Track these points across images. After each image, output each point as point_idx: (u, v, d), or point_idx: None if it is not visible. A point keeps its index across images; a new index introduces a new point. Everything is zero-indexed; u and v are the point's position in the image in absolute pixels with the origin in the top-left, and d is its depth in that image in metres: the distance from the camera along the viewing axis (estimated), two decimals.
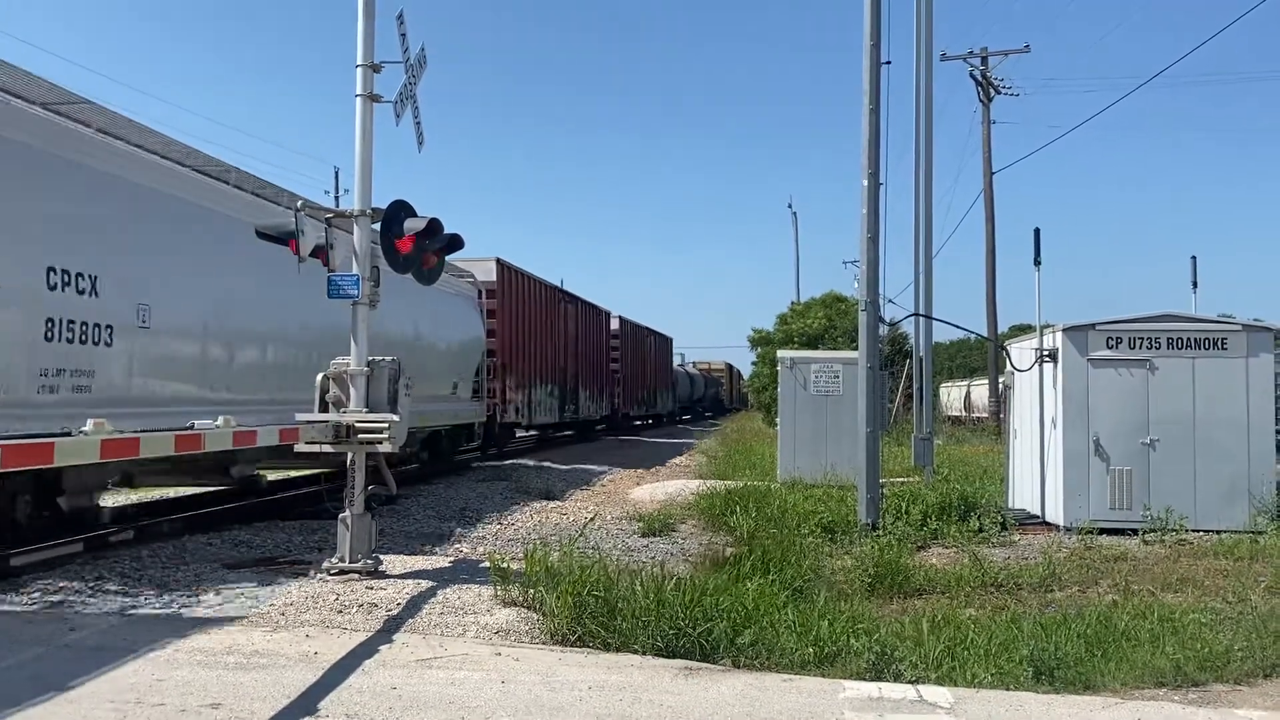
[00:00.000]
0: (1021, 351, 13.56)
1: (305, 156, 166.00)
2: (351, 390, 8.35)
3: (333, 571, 8.14)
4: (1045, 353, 12.50)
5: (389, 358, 8.76)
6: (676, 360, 58.98)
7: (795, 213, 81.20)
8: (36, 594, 7.49)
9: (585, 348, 31.27)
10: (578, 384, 29.95)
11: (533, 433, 29.61)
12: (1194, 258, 14.46)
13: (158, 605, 7.20)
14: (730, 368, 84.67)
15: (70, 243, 8.52)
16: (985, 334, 31.22)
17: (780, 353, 19.42)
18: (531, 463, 22.28)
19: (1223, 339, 11.86)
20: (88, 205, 8.87)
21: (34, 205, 8.22)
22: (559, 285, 29.29)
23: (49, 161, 8.49)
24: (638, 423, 44.67)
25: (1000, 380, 18.78)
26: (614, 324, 36.41)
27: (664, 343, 49.00)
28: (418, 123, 8.76)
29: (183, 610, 7.07)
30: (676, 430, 46.59)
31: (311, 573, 8.28)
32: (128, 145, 10.04)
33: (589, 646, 6.38)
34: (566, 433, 33.46)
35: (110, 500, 13.83)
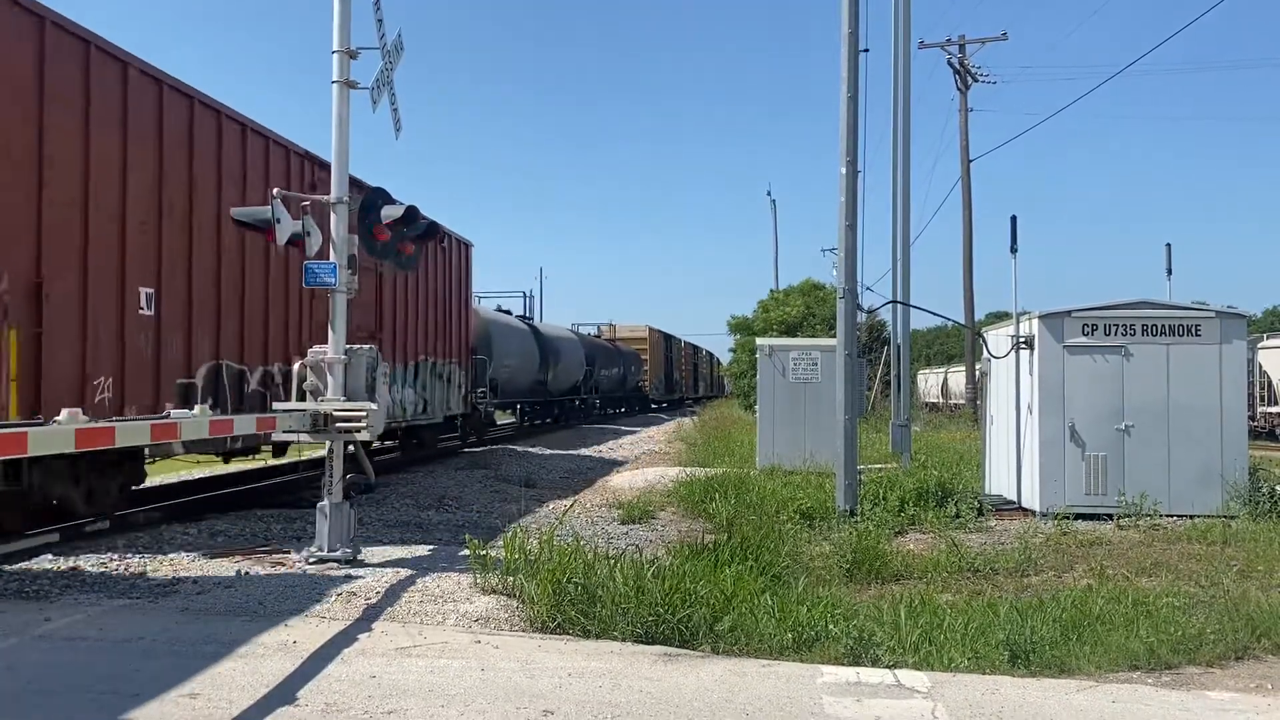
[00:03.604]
0: (998, 338, 13.64)
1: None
2: (329, 379, 8.31)
3: (311, 560, 8.13)
4: (1022, 340, 12.58)
5: (367, 346, 8.72)
6: (563, 324, 35.98)
7: (774, 200, 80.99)
8: (12, 583, 7.43)
9: None
10: None
11: None
12: (1169, 245, 14.60)
13: (134, 595, 7.15)
14: (663, 337, 52.47)
15: None
16: (963, 321, 31.39)
17: (759, 340, 19.46)
18: None
19: (1196, 326, 11.97)
20: None
21: None
22: None
23: None
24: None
25: (977, 367, 18.90)
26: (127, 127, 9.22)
27: (446, 252, 19.18)
28: (395, 109, 8.72)
29: (160, 600, 7.03)
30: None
31: (290, 562, 8.25)
32: None
33: (568, 634, 6.39)
34: None
35: None
